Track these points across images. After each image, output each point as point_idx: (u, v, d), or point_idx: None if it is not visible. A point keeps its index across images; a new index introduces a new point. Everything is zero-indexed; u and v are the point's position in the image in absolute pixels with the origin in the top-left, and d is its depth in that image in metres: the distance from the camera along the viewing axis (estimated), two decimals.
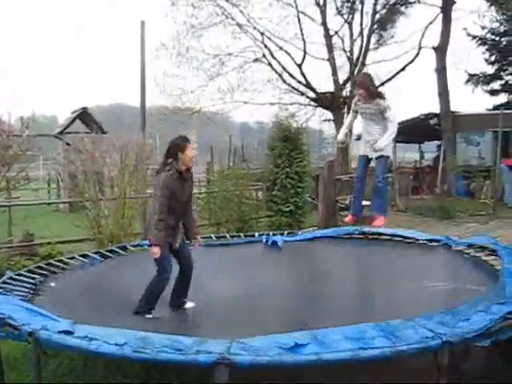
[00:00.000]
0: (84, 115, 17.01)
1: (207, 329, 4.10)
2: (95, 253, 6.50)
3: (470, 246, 6.04)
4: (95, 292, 5.15)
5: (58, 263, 5.93)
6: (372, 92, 5.67)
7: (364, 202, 13.33)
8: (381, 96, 5.69)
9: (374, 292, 4.57)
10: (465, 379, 3.46)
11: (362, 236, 7.16)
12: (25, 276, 5.22)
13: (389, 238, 6.96)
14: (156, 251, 4.67)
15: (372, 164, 6.16)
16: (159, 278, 4.82)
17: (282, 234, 7.45)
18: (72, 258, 6.23)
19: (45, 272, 5.55)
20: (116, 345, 2.89)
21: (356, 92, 5.84)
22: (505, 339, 3.10)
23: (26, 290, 4.78)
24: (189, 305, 5.07)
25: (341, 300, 4.52)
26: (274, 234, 7.44)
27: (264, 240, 7.08)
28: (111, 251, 6.65)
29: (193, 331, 3.31)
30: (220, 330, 3.63)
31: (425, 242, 6.47)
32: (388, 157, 6.03)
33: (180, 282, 5.03)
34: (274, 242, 6.92)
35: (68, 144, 10.31)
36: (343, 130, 6.56)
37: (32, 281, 5.12)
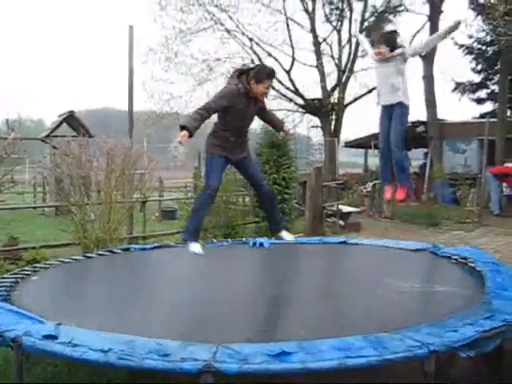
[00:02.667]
0: (71, 119, 16.88)
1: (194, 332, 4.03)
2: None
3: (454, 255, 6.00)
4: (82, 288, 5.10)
5: (44, 266, 5.86)
6: (394, 48, 5.04)
7: (347, 209, 13.26)
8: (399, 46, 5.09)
9: (358, 300, 4.53)
10: None
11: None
12: (8, 278, 5.13)
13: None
14: (182, 134, 4.17)
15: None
16: (203, 192, 4.55)
17: None
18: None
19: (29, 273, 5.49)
20: (101, 351, 2.84)
21: (376, 50, 5.15)
22: (490, 349, 3.11)
23: (8, 290, 4.67)
24: (285, 235, 4.85)
25: (327, 309, 4.49)
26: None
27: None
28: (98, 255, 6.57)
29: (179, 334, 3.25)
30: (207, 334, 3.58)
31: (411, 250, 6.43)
32: (407, 107, 5.13)
33: (264, 205, 4.81)
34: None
35: (55, 147, 10.21)
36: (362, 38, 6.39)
37: (14, 280, 5.02)
